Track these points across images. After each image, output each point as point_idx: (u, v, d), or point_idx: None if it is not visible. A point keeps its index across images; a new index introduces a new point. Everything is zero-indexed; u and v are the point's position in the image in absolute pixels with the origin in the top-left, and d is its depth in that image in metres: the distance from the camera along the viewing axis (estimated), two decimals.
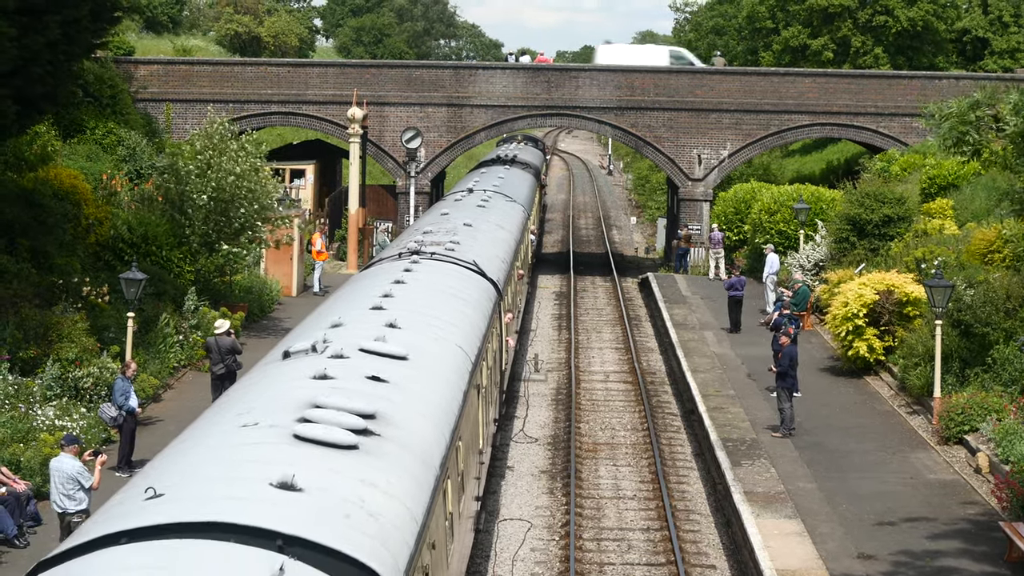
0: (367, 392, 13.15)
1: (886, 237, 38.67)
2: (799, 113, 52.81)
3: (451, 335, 18.54)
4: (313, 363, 13.94)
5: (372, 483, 10.84)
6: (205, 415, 13.19)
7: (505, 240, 32.22)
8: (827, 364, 33.96)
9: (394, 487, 11.15)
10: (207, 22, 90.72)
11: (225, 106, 49.10)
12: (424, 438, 13.16)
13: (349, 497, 10.29)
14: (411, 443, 12.56)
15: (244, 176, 36.39)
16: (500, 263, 28.43)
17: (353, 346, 14.97)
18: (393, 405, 13.14)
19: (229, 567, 8.52)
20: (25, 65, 28.07)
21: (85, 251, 33.37)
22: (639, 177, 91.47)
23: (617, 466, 27.38)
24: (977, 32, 71.78)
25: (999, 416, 25.43)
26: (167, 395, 29.84)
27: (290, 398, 12.46)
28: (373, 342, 15.33)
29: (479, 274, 25.14)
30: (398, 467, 11.68)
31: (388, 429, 12.29)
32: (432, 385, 15.28)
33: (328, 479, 10.45)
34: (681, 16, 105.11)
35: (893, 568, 19.80)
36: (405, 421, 13.00)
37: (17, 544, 20.02)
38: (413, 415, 13.50)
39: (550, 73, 54.33)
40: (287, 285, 42.87)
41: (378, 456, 11.53)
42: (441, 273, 23.48)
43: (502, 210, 37.34)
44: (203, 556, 8.68)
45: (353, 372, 13.84)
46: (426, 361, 15.92)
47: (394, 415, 12.82)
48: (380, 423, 12.24)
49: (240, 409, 12.41)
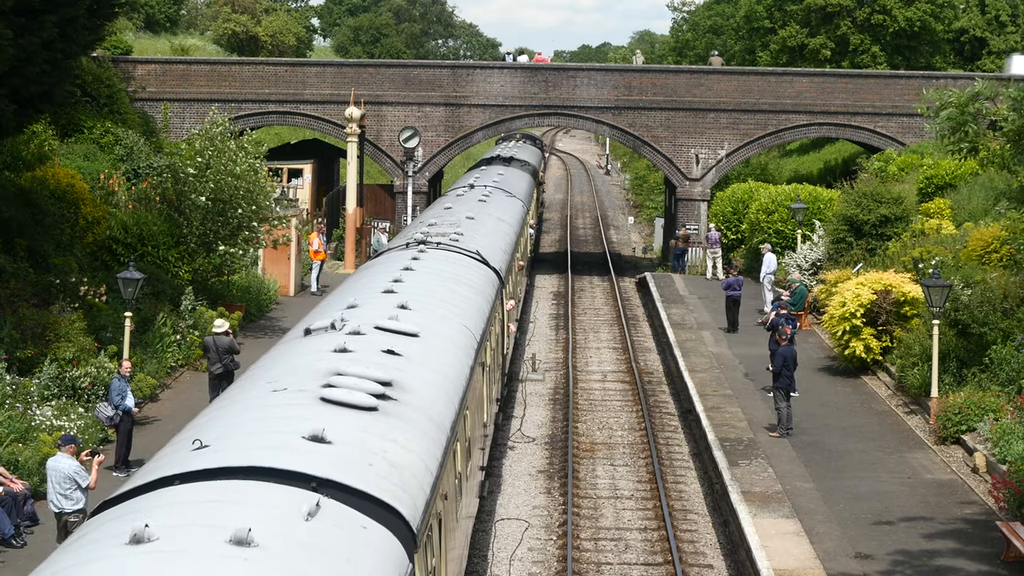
0: (383, 363, 14.51)
1: (883, 237, 38.69)
2: (797, 113, 52.83)
3: (458, 316, 20.03)
4: (333, 339, 15.35)
5: (391, 439, 12.23)
6: (237, 384, 14.84)
7: (506, 232, 33.44)
8: (824, 364, 33.97)
9: (410, 443, 12.52)
10: (205, 21, 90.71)
11: (223, 106, 49.06)
12: (435, 404, 14.51)
13: (372, 449, 11.66)
14: (424, 407, 13.95)
15: (243, 176, 36.39)
16: (502, 253, 29.69)
17: (369, 324, 16.38)
18: (407, 375, 14.52)
19: (274, 502, 9.69)
20: (22, 64, 28.04)
21: (82, 251, 33.35)
22: (637, 177, 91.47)
23: (615, 466, 27.39)
24: (975, 32, 71.81)
25: (996, 416, 25.43)
26: (164, 395, 29.82)
27: (314, 368, 13.81)
28: (387, 320, 16.80)
29: (482, 263, 26.39)
30: (413, 427, 13.06)
31: (403, 395, 13.73)
32: (441, 359, 16.70)
33: (353, 434, 11.82)
34: (679, 16, 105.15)
35: (890, 567, 19.80)
36: (418, 389, 14.39)
37: (14, 544, 20.01)
38: (425, 384, 14.86)
39: (548, 73, 54.33)
40: (284, 285, 42.86)
41: (395, 417, 12.94)
42: (447, 261, 24.85)
43: (502, 204, 38.63)
44: (250, 493, 9.86)
45: (370, 347, 15.23)
46: (435, 339, 17.43)
47: (408, 383, 14.23)
48: (396, 390, 13.66)
49: (270, 377, 13.83)
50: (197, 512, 9.47)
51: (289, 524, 9.43)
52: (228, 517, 9.19)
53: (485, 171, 49.33)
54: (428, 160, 52.93)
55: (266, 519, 9.30)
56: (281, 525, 9.35)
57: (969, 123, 22.90)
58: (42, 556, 12.80)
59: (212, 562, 8.50)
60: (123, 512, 9.88)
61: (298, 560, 8.93)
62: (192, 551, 8.66)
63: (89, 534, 9.72)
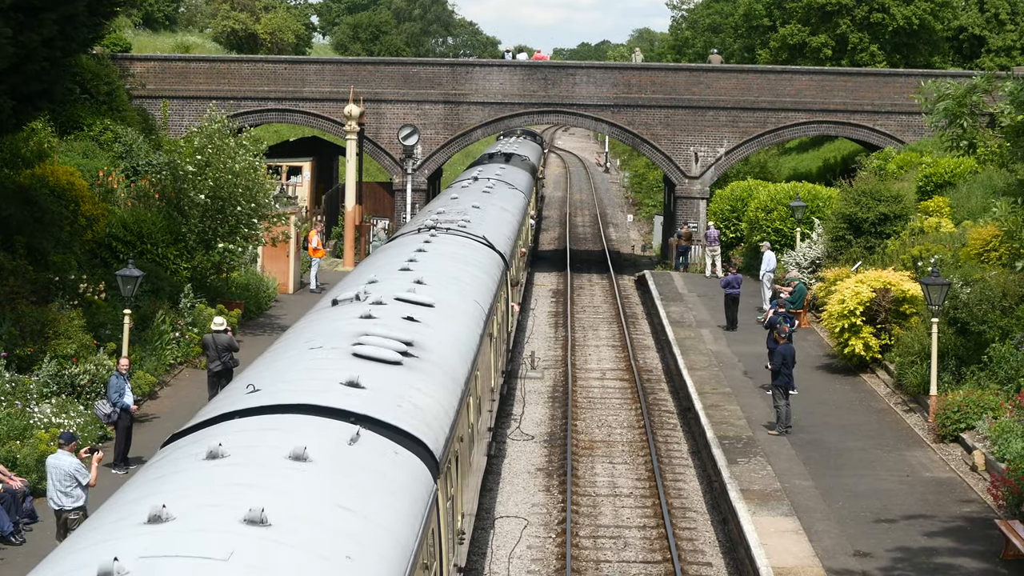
0: (404, 328, 16.63)
1: (882, 235, 38.70)
2: (796, 111, 52.83)
3: (468, 291, 22.18)
4: (358, 308, 17.45)
5: (415, 387, 14.28)
6: (275, 345, 16.91)
7: (509, 221, 35.51)
8: (823, 362, 33.98)
9: (431, 391, 14.56)
10: (204, 19, 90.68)
11: (222, 103, 49.05)
12: (450, 361, 16.65)
13: (399, 394, 13.68)
14: (441, 364, 16.06)
15: (242, 174, 36.37)
16: (506, 239, 31.73)
17: (389, 296, 18.56)
18: (425, 337, 16.59)
19: (321, 431, 11.53)
20: (21, 62, 28.02)
21: (82, 248, 33.33)
22: (636, 175, 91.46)
23: (613, 464, 27.39)
24: (973, 30, 71.81)
25: (995, 414, 25.44)
26: (163, 392, 29.81)
27: (344, 331, 15.91)
28: (405, 292, 18.95)
29: (488, 246, 28.53)
30: (432, 379, 15.14)
31: (423, 353, 15.85)
32: (454, 327, 18.84)
33: (382, 382, 13.83)
34: (678, 14, 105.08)
35: (889, 565, 19.81)
36: (435, 349, 16.49)
37: (13, 541, 20.00)
38: (441, 345, 16.97)
39: (547, 70, 54.33)
40: (283, 282, 42.85)
41: (417, 370, 15.02)
42: (456, 244, 27.00)
43: (505, 195, 40.70)
44: (301, 424, 11.73)
45: (391, 314, 17.31)
46: (449, 309, 19.52)
47: (427, 344, 16.32)
48: (416, 349, 15.78)
49: (305, 338, 16.01)
50: (259, 437, 11.29)
51: (335, 447, 11.22)
52: (285, 440, 10.86)
53: (488, 165, 50.96)
54: (427, 158, 52.92)
55: (317, 443, 10.96)
56: (329, 447, 11.10)
57: (965, 116, 22.78)
58: (41, 554, 12.80)
59: (276, 470, 10.20)
60: (195, 439, 11.66)
61: (345, 473, 10.78)
62: (258, 462, 10.40)
63: (168, 455, 11.45)
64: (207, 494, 9.61)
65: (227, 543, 8.48)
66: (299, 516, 9.43)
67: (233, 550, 8.39)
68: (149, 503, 9.17)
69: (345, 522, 9.76)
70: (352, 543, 9.44)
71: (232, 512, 9.05)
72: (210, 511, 9.16)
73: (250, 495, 9.38)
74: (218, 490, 9.67)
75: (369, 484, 10.88)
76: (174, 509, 9.06)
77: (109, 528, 9.30)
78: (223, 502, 9.32)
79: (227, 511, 9.09)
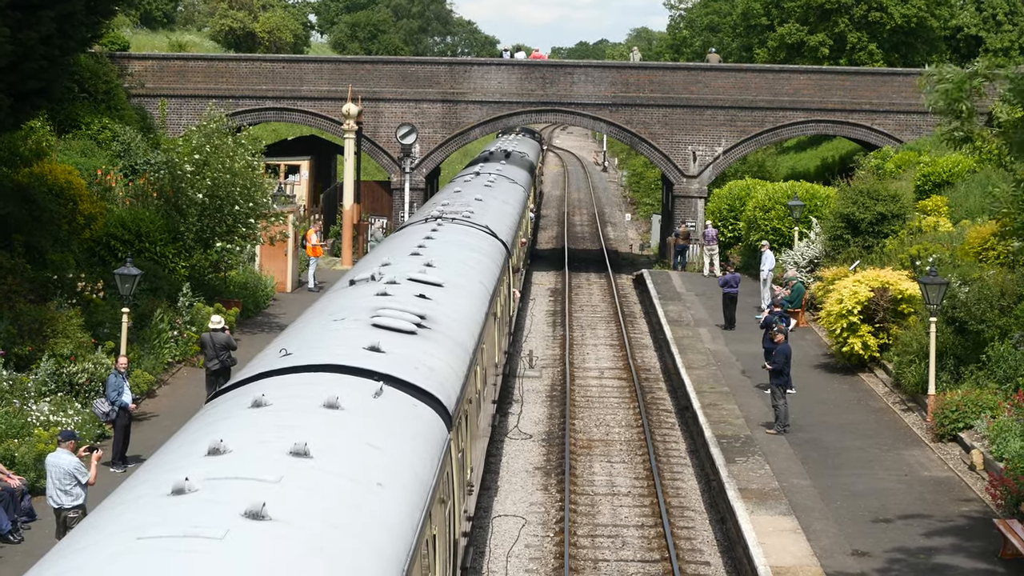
0: (417, 303, 18.28)
1: (881, 234, 38.71)
2: (794, 110, 52.84)
3: (473, 274, 24.00)
4: (374, 287, 19.23)
5: (429, 353, 16.00)
6: (301, 318, 18.80)
7: (510, 212, 37.26)
8: (822, 361, 33.98)
9: (443, 357, 16.37)
10: (202, 18, 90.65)
11: (220, 102, 49.07)
12: (459, 333, 18.40)
13: (416, 358, 15.40)
14: (451, 335, 17.85)
15: (240, 173, 36.37)
16: (507, 228, 33.41)
17: (402, 276, 20.17)
18: (436, 312, 18.34)
19: (350, 386, 13.13)
20: (19, 60, 28.00)
21: (80, 247, 33.33)
22: (634, 174, 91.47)
23: (611, 463, 27.39)
24: (971, 30, 71.83)
25: (993, 413, 25.45)
26: (161, 391, 29.80)
27: (363, 305, 17.70)
28: (417, 273, 20.59)
29: (491, 235, 30.16)
30: (444, 347, 16.88)
31: (435, 325, 17.61)
32: (462, 304, 20.53)
33: (400, 348, 15.47)
34: (676, 13, 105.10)
35: (887, 565, 19.81)
36: (446, 322, 18.19)
37: (11, 540, 19.99)
38: (451, 319, 18.68)
39: (545, 69, 54.33)
40: (281, 281, 42.85)
41: (431, 339, 16.80)
42: (462, 233, 28.62)
43: (506, 189, 42.39)
44: (332, 381, 13.32)
45: (405, 292, 19.01)
46: (456, 289, 21.27)
47: (438, 318, 18.06)
48: (429, 321, 17.50)
49: (328, 312, 17.86)
50: (295, 390, 12.94)
51: (363, 399, 12.88)
52: (319, 393, 12.48)
53: (489, 161, 52.00)
54: (425, 157, 52.93)
55: (347, 395, 12.55)
56: (358, 399, 12.76)
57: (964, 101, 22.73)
58: (39, 552, 12.78)
59: (314, 415, 11.87)
60: (238, 393, 13.37)
61: (373, 419, 12.53)
62: (297, 409, 12.07)
63: (216, 406, 13.11)
64: (256, 434, 11.18)
65: (277, 469, 10.02)
66: (336, 451, 11.02)
67: (283, 475, 9.94)
68: (207, 441, 10.68)
69: (375, 457, 11.45)
70: (382, 473, 11.11)
71: (279, 446, 10.59)
72: (260, 446, 10.75)
73: (293, 434, 10.84)
74: (265, 431, 11.25)
75: (393, 429, 12.66)
76: (230, 445, 10.58)
77: (175, 459, 10.83)
78: (270, 440, 10.89)
79: (275, 446, 10.65)
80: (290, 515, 9.25)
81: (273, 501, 9.24)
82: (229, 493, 9.40)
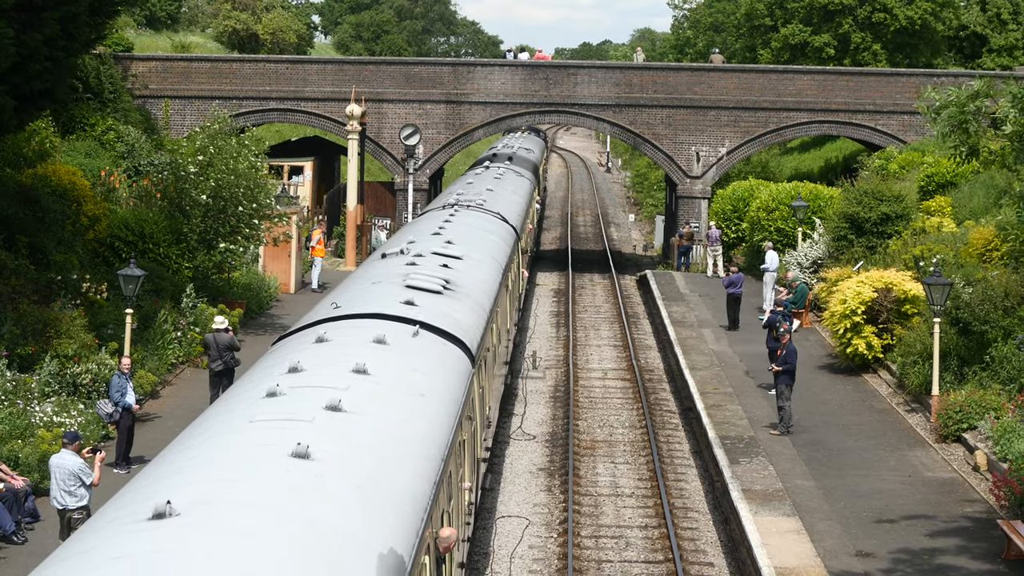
0: (441, 271, 21.95)
1: (884, 235, 38.68)
2: (797, 110, 52.80)
3: (487, 251, 27.60)
4: (403, 259, 22.93)
5: (454, 308, 19.72)
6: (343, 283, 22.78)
7: (518, 201, 40.75)
8: (825, 362, 33.97)
9: (466, 312, 20.04)
10: (205, 19, 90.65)
11: (224, 103, 49.10)
12: (478, 297, 22.08)
13: (443, 311, 18.98)
14: (471, 296, 21.56)
15: (243, 174, 36.38)
16: (516, 215, 36.80)
17: (427, 251, 23.93)
18: (458, 278, 22.00)
19: (392, 330, 16.45)
20: (23, 61, 28.03)
21: (84, 248, 33.34)
22: (637, 174, 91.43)
23: (615, 463, 27.38)
24: (975, 29, 71.76)
25: (997, 414, 25.43)
26: (165, 392, 29.82)
27: (396, 272, 21.32)
28: (440, 248, 24.38)
29: (503, 220, 33.64)
30: (466, 304, 20.66)
31: (458, 288, 21.31)
32: (479, 274, 24.28)
33: (431, 304, 19.05)
34: (679, 13, 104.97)
35: (891, 566, 19.80)
36: (466, 286, 21.87)
37: (15, 540, 20.00)
38: (470, 284, 22.39)
39: (548, 70, 54.31)
40: (285, 282, 42.85)
41: (455, 298, 20.50)
42: (476, 218, 32.24)
43: (514, 181, 45.98)
44: (377, 325, 16.60)
45: (430, 263, 22.75)
46: (474, 262, 24.87)
47: (460, 283, 21.72)
48: (452, 285, 21.20)
49: (367, 277, 21.70)
50: (349, 332, 16.23)
51: (404, 337, 16.39)
52: (368, 333, 15.91)
53: (497, 156, 55.09)
54: (429, 157, 52.92)
55: (391, 334, 16.03)
56: (400, 337, 16.24)
57: (970, 121, 22.72)
58: (43, 553, 12.81)
59: (366, 348, 15.15)
60: (299, 336, 16.85)
61: (413, 351, 16.06)
62: (351, 343, 15.46)
63: (287, 343, 16.54)
64: (324, 359, 14.37)
65: (344, 382, 13.13)
66: (387, 371, 14.30)
67: (349, 384, 13.04)
68: (287, 363, 13.78)
69: (417, 377, 14.95)
70: (424, 388, 14.58)
71: (344, 366, 13.78)
72: (329, 366, 13.90)
73: (352, 359, 14.00)
74: (331, 357, 14.51)
75: (430, 359, 16.14)
76: (304, 366, 13.69)
77: (262, 375, 14.04)
78: (335, 363, 14.09)
79: (340, 366, 13.83)
80: (358, 409, 12.32)
81: (345, 400, 12.28)
82: (311, 395, 12.42)
